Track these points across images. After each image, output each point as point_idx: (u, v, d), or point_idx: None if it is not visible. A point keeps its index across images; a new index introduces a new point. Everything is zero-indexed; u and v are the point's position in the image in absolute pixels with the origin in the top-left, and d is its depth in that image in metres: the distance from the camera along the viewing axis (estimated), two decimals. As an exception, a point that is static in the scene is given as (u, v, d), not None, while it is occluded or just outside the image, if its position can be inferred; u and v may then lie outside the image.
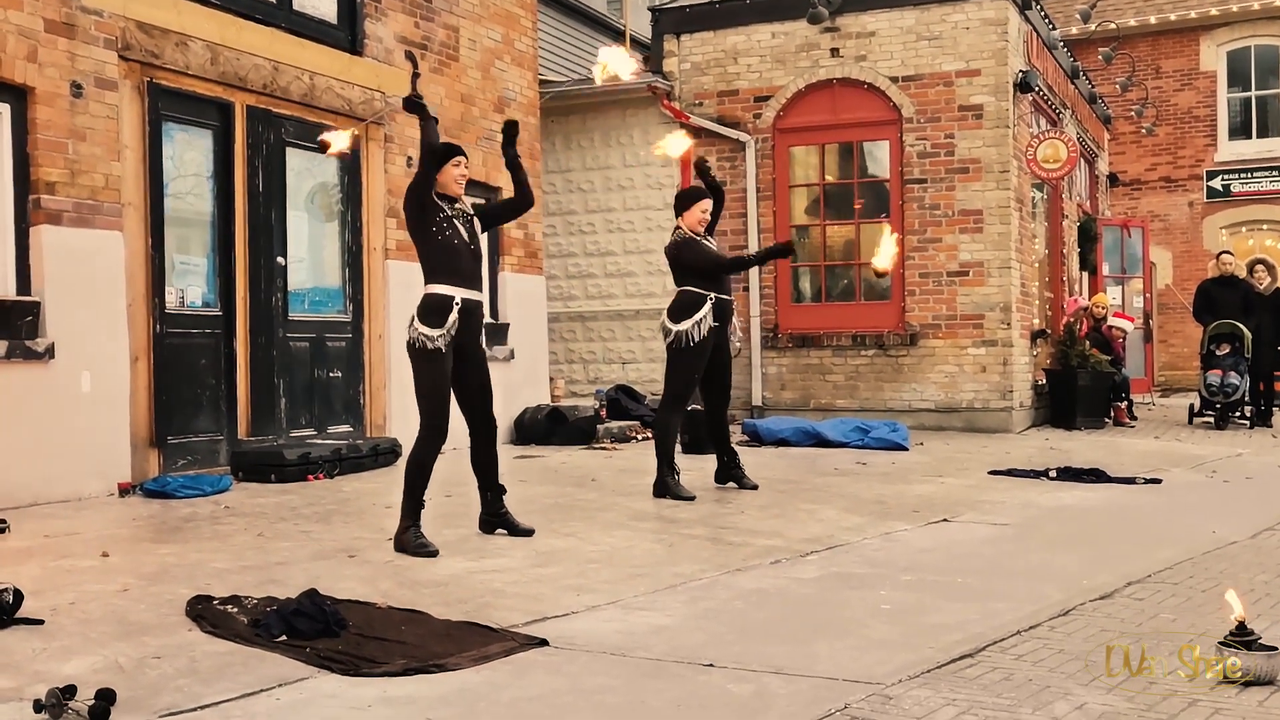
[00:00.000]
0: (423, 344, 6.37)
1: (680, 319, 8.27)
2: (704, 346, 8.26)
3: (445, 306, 6.40)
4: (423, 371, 6.42)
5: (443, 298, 6.42)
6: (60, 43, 8.16)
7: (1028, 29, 14.56)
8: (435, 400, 6.41)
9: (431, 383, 6.41)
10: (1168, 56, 23.54)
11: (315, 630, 4.45)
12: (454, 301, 6.42)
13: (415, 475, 6.40)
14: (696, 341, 8.22)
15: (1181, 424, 14.99)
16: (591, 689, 3.90)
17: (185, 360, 9.12)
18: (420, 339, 6.37)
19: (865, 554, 6.38)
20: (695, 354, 8.26)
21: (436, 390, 6.41)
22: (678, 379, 8.38)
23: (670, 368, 8.47)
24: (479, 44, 12.32)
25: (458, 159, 6.60)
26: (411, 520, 6.31)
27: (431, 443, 6.43)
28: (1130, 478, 9.47)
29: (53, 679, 3.78)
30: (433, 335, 6.36)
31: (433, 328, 6.36)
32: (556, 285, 15.25)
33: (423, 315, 6.40)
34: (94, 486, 8.21)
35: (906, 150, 13.96)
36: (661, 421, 8.45)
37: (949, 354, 13.77)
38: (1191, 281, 19.82)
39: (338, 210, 10.75)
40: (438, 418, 6.41)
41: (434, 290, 6.45)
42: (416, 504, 6.35)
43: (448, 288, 6.44)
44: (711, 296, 8.28)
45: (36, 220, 8.03)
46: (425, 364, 6.40)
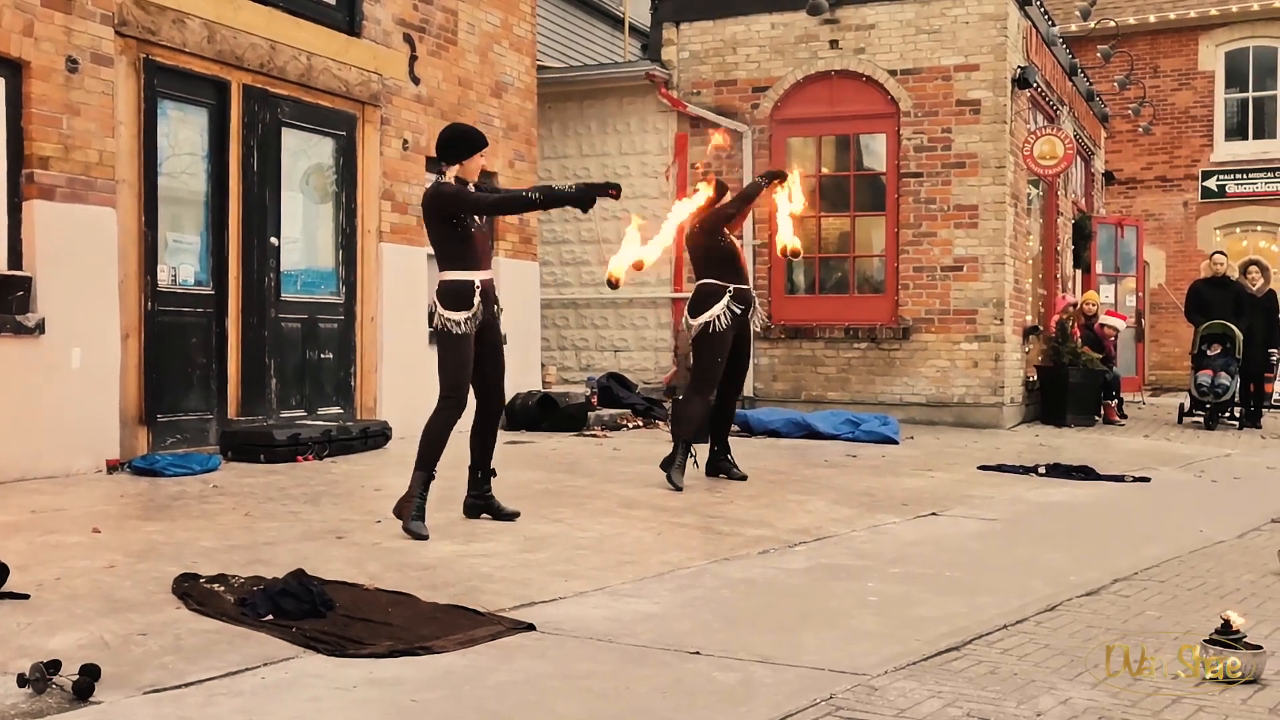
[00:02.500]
0: (449, 329, 6.43)
1: (699, 313, 8.33)
2: (726, 333, 8.31)
3: (466, 291, 6.45)
4: (448, 354, 6.49)
5: (463, 283, 6.47)
6: (57, 17, 8.11)
7: (1027, 25, 14.55)
8: (455, 375, 6.49)
9: (456, 363, 6.48)
10: (1166, 56, 23.55)
11: (302, 610, 4.44)
12: (474, 285, 6.47)
13: (431, 439, 6.45)
14: (718, 330, 8.27)
15: (1171, 423, 15.02)
16: (577, 674, 3.90)
17: (176, 338, 9.10)
18: (446, 324, 6.43)
19: (853, 546, 6.38)
20: (719, 339, 8.30)
21: (460, 369, 6.49)
22: (701, 367, 8.43)
23: (695, 354, 8.52)
24: (477, 28, 12.29)
25: (484, 151, 6.70)
26: (420, 491, 6.32)
27: (449, 413, 6.48)
28: (1119, 476, 9.49)
29: (37, 654, 3.77)
30: (458, 319, 6.42)
31: (457, 312, 6.42)
32: (550, 272, 15.23)
33: (445, 301, 6.45)
34: (82, 463, 8.19)
35: (903, 144, 13.95)
36: (685, 400, 8.52)
37: (941, 348, 13.78)
38: (1184, 281, 19.85)
39: (332, 192, 10.72)
40: (458, 391, 6.49)
41: (453, 276, 6.49)
42: (428, 475, 6.37)
43: (466, 273, 6.48)
44: (730, 288, 8.33)
45: (29, 195, 8.00)
46: (451, 347, 6.47)
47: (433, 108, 11.52)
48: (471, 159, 6.58)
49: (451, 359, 6.48)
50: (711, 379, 8.44)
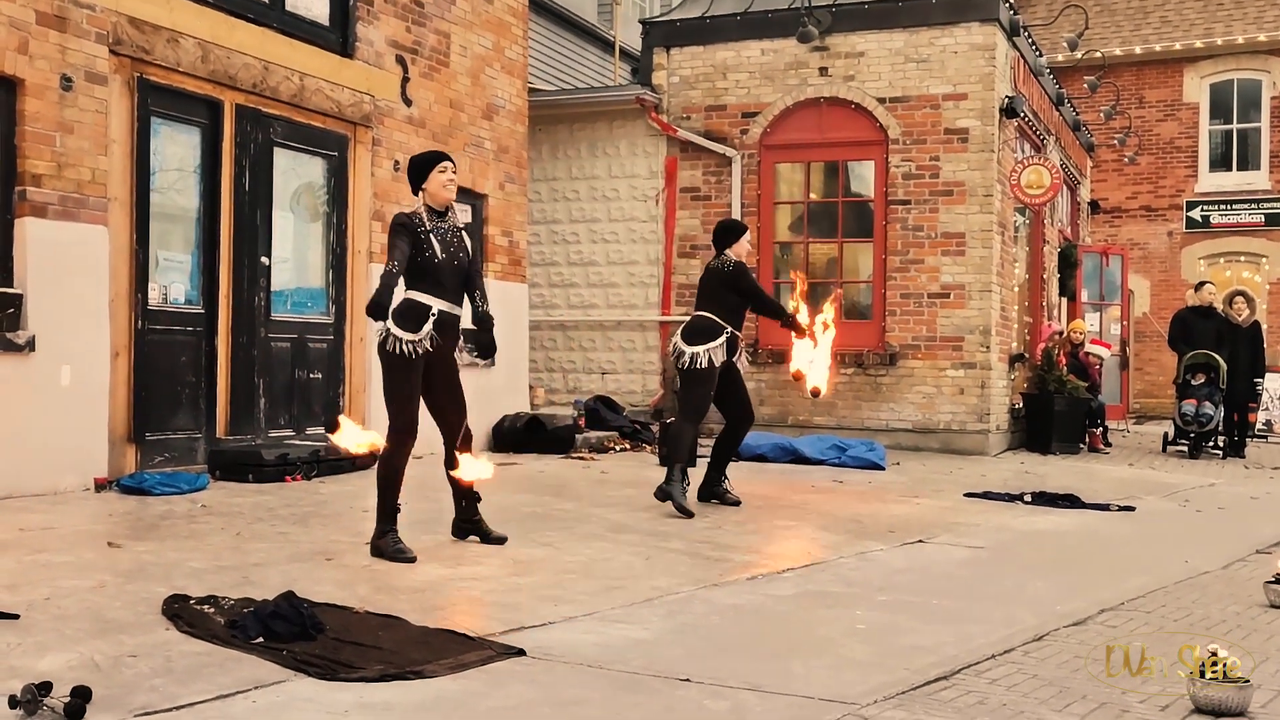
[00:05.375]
0: (395, 346, 6.32)
1: (694, 343, 8.36)
2: (713, 371, 8.36)
3: (422, 315, 6.39)
4: (392, 375, 6.39)
5: (421, 305, 6.41)
6: (51, 35, 8.13)
7: (1015, 55, 14.66)
8: (403, 403, 6.39)
9: (399, 387, 6.38)
10: (1151, 87, 23.74)
11: (292, 633, 4.45)
12: (431, 311, 6.41)
13: (387, 479, 6.39)
14: (705, 367, 8.32)
15: (1155, 452, 15.09)
16: (568, 700, 3.91)
17: (166, 357, 9.09)
18: (393, 341, 6.32)
19: (841, 573, 6.41)
20: (706, 377, 8.35)
21: (404, 394, 6.38)
22: (691, 398, 8.47)
23: (683, 387, 8.59)
24: (470, 50, 12.34)
25: (443, 164, 6.54)
26: (388, 525, 6.30)
27: (400, 445, 6.41)
28: (1104, 504, 9.53)
29: (28, 675, 3.77)
30: (405, 339, 6.31)
31: (407, 332, 6.34)
32: (539, 293, 15.25)
33: (399, 320, 6.35)
34: (70, 481, 8.17)
35: (891, 171, 14.03)
36: (677, 429, 8.50)
37: (927, 375, 13.83)
38: (1168, 310, 19.96)
39: (323, 212, 10.73)
40: (405, 419, 6.39)
41: (413, 297, 6.43)
42: (391, 508, 6.33)
43: (427, 297, 6.43)
44: (728, 330, 8.39)
45: (21, 212, 8.00)
46: (395, 368, 6.37)
47: (424, 129, 11.56)
48: (429, 178, 6.47)
49: (394, 380, 6.37)
50: (701, 409, 8.49)
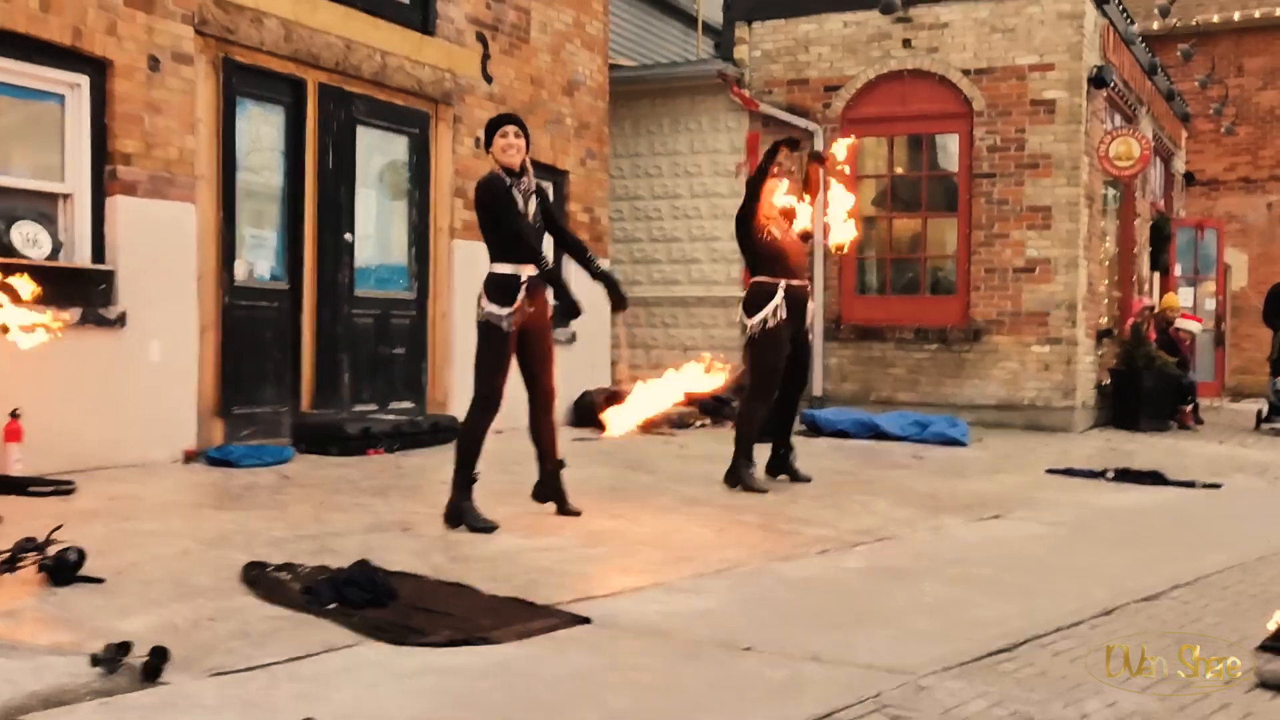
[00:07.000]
0: (493, 322, 6.45)
1: (753, 312, 8.15)
2: (779, 338, 8.13)
3: (512, 285, 6.48)
4: (487, 347, 6.50)
5: (509, 276, 6.49)
6: (139, 17, 8.33)
7: (1104, 23, 14.37)
8: (488, 374, 6.49)
9: (493, 358, 6.49)
10: (1251, 55, 23.10)
11: (364, 600, 4.56)
12: (519, 280, 6.49)
13: (467, 449, 6.50)
14: (771, 331, 8.09)
15: (1248, 429, 14.78)
16: (629, 667, 3.97)
17: (252, 332, 9.30)
18: (490, 317, 6.45)
19: (913, 547, 6.40)
20: (772, 346, 8.13)
21: (497, 365, 6.48)
22: (758, 371, 8.24)
23: (749, 361, 8.35)
24: (550, 26, 12.40)
25: (504, 129, 6.56)
26: (464, 494, 6.40)
27: (483, 413, 6.51)
28: (1189, 481, 9.38)
29: (110, 635, 3.91)
30: (502, 314, 6.43)
31: (501, 306, 6.44)
32: (620, 270, 15.29)
33: (491, 294, 6.47)
34: (160, 453, 8.41)
35: (976, 144, 13.85)
36: (744, 412, 8.34)
37: (1012, 351, 13.67)
38: (1266, 285, 19.43)
39: (405, 189, 10.88)
40: (491, 388, 6.49)
41: (499, 269, 6.52)
42: (468, 477, 6.44)
43: (513, 266, 6.50)
44: (782, 283, 8.16)
45: (112, 191, 8.22)
46: (491, 341, 6.48)
47: (505, 106, 11.63)
48: (493, 142, 6.53)
49: (488, 352, 6.47)
50: (769, 386, 8.23)
